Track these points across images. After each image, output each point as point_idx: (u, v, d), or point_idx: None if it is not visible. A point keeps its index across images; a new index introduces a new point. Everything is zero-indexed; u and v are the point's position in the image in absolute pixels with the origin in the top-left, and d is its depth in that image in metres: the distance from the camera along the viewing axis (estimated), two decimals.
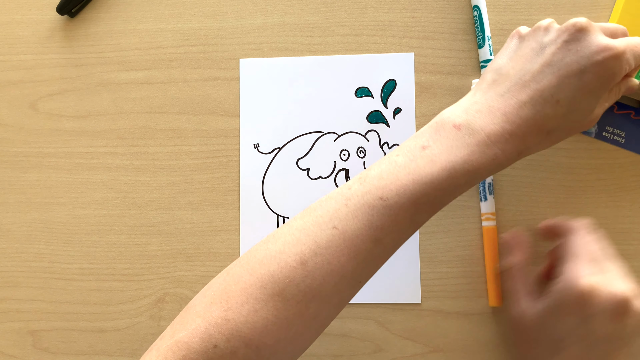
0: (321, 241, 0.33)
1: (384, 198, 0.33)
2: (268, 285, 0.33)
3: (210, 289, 0.35)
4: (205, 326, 0.33)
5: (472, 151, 0.33)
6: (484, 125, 0.34)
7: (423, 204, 0.33)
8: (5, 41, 0.50)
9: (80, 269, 0.48)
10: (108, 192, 0.48)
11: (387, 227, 0.33)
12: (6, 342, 0.48)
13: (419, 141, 0.35)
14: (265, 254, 0.34)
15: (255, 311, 0.33)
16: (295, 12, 0.48)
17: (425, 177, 0.33)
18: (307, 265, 0.33)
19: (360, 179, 0.34)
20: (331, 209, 0.34)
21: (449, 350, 0.45)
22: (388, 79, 0.47)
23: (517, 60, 0.36)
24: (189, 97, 0.48)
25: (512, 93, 0.34)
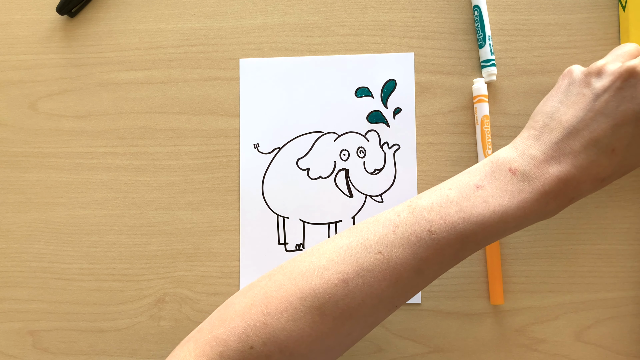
0: (365, 264, 0.34)
1: (432, 231, 0.33)
2: (308, 298, 0.34)
3: (252, 291, 0.36)
4: (244, 327, 0.34)
5: (525, 199, 0.34)
6: (539, 174, 0.34)
7: (470, 242, 0.34)
8: (5, 41, 0.50)
9: (80, 269, 0.48)
10: (108, 192, 0.48)
11: (431, 259, 0.34)
12: (6, 342, 0.48)
13: (473, 178, 0.35)
14: (308, 267, 0.35)
15: (293, 320, 0.34)
16: (295, 12, 0.48)
17: (476, 217, 0.33)
18: (349, 285, 0.34)
19: (409, 207, 0.35)
20: (378, 234, 0.34)
21: (449, 350, 0.45)
22: (388, 79, 0.47)
23: (570, 106, 0.35)
24: (189, 97, 0.48)
25: (566, 142, 0.34)
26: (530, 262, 0.45)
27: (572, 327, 0.44)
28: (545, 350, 0.44)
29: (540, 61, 0.46)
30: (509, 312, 0.45)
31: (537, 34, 0.46)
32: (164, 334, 0.47)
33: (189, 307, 0.47)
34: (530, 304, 0.45)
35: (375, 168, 0.46)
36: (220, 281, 0.47)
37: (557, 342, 0.44)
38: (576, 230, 0.45)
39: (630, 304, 0.44)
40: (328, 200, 0.46)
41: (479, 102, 0.45)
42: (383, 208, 0.46)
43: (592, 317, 0.44)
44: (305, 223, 0.47)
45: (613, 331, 0.44)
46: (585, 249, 0.45)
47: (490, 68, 0.45)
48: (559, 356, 0.44)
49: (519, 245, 0.45)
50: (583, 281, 0.44)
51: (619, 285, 0.44)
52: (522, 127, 0.46)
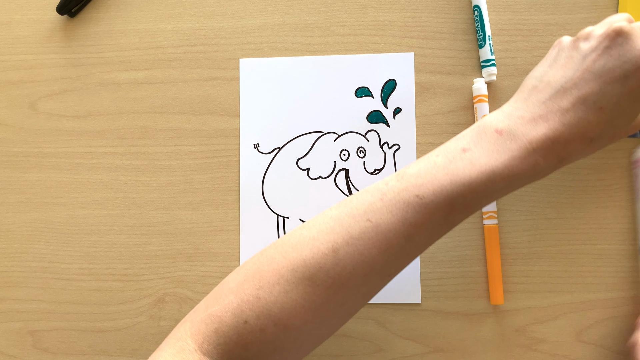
0: (354, 232, 0.34)
1: (420, 196, 0.33)
2: (299, 269, 0.34)
3: (244, 268, 0.36)
4: (237, 302, 0.35)
5: (512, 157, 0.33)
6: (526, 131, 0.34)
7: (458, 204, 0.34)
8: (5, 41, 0.50)
9: (80, 269, 0.48)
10: (108, 192, 0.48)
11: (421, 224, 0.34)
12: (6, 342, 0.48)
13: (459, 143, 0.35)
14: (299, 239, 0.35)
15: (285, 292, 0.34)
16: (295, 12, 0.48)
17: (463, 179, 0.33)
18: (339, 253, 0.34)
19: (397, 176, 0.35)
20: (366, 202, 0.35)
21: (449, 350, 0.45)
22: (388, 79, 0.47)
23: (558, 68, 0.36)
24: (189, 97, 0.48)
25: (554, 100, 0.34)
26: (530, 262, 0.45)
27: (572, 327, 0.44)
28: (545, 350, 0.44)
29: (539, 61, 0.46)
30: (509, 312, 0.45)
31: (537, 34, 0.46)
32: (164, 334, 0.47)
33: (189, 307, 0.47)
34: (530, 304, 0.45)
35: (375, 168, 0.46)
36: (220, 281, 0.47)
37: (557, 342, 0.44)
38: (576, 230, 0.45)
39: (630, 304, 0.44)
40: (328, 200, 0.46)
41: (479, 102, 0.45)
42: None
43: (592, 317, 0.44)
44: None
45: (613, 331, 0.44)
46: (585, 249, 0.45)
47: (490, 68, 0.45)
48: (559, 356, 0.44)
49: (519, 245, 0.45)
50: (583, 281, 0.44)
51: (619, 285, 0.44)
52: None
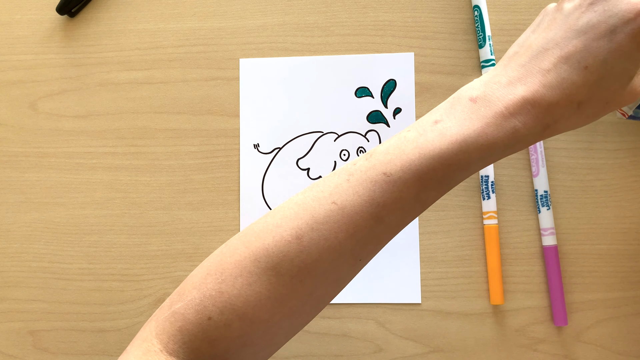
0: (319, 216, 0.32)
1: (387, 173, 0.31)
2: (262, 259, 0.32)
3: (208, 261, 0.34)
4: (200, 298, 0.33)
5: (487, 123, 0.30)
6: (502, 95, 0.30)
7: (429, 179, 0.31)
8: (5, 41, 0.50)
9: (80, 269, 0.48)
10: (108, 192, 0.48)
11: (390, 204, 0.31)
12: (6, 342, 0.48)
13: (432, 116, 0.32)
14: (262, 227, 0.33)
15: (248, 285, 0.32)
16: (295, 12, 0.48)
17: (432, 151, 0.30)
18: (303, 240, 0.32)
19: (366, 155, 0.33)
20: (332, 184, 0.32)
21: (449, 350, 0.45)
22: (388, 79, 0.47)
23: (541, 32, 0.32)
24: (189, 97, 0.48)
25: (534, 62, 0.31)
26: (530, 262, 0.45)
27: (572, 327, 0.44)
28: (545, 350, 0.44)
29: None
30: (509, 312, 0.45)
31: None
32: None
33: None
34: (530, 304, 0.45)
35: None
36: None
37: (557, 342, 0.44)
38: (576, 230, 0.45)
39: (630, 304, 0.44)
40: None
41: None
42: None
43: (592, 317, 0.44)
44: None
45: (613, 331, 0.44)
46: (585, 249, 0.45)
47: (490, 68, 0.45)
48: (559, 356, 0.44)
49: (519, 245, 0.45)
50: (583, 281, 0.44)
51: (619, 285, 0.44)
52: None
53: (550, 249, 0.44)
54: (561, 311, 0.43)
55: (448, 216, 0.46)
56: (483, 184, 0.45)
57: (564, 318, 0.43)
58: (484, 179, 0.45)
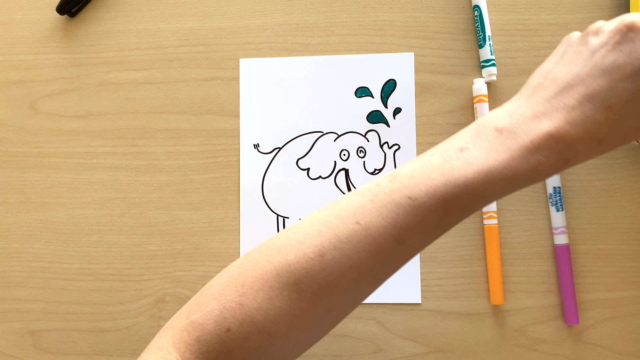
0: (342, 235, 0.32)
1: (412, 197, 0.31)
2: (284, 274, 0.32)
3: (227, 272, 0.35)
4: (219, 309, 0.33)
5: (512, 156, 0.31)
6: (528, 129, 0.31)
7: (454, 207, 0.31)
8: (5, 41, 0.50)
9: (80, 269, 0.48)
10: (108, 192, 0.48)
11: (413, 227, 0.32)
12: (6, 342, 0.48)
13: (457, 142, 0.32)
14: (284, 242, 0.34)
15: (269, 299, 0.33)
16: (295, 12, 0.48)
17: (459, 179, 0.31)
18: (325, 258, 0.32)
19: (390, 176, 0.33)
20: (356, 204, 0.33)
21: (449, 350, 0.45)
22: (388, 79, 0.47)
23: (565, 64, 0.33)
24: (189, 97, 0.48)
25: (559, 98, 0.32)
26: (531, 262, 0.45)
27: (572, 327, 0.44)
28: (545, 350, 0.44)
29: (540, 61, 0.46)
30: (509, 312, 0.45)
31: (537, 34, 0.46)
32: None
33: None
34: (530, 304, 0.45)
35: (375, 168, 0.46)
36: None
37: (557, 342, 0.44)
38: (576, 230, 0.45)
39: (630, 304, 0.44)
40: (328, 200, 0.46)
41: (479, 102, 0.45)
42: None
43: (592, 317, 0.44)
44: None
45: (613, 331, 0.44)
46: (585, 249, 0.45)
47: (490, 68, 0.45)
48: (559, 356, 0.44)
49: (519, 245, 0.45)
50: (583, 281, 0.44)
51: (619, 285, 0.44)
52: None
53: (562, 247, 0.44)
54: (573, 310, 0.43)
55: None
56: None
57: (576, 317, 0.43)
58: None
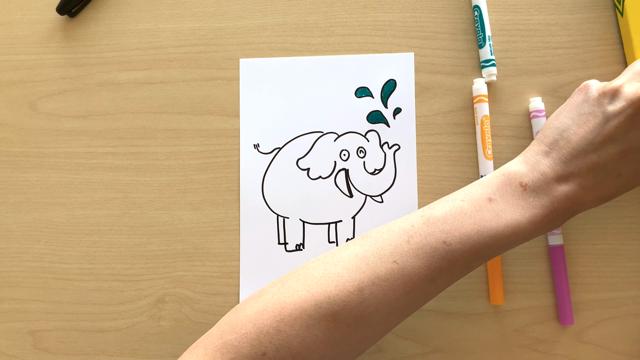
0: (380, 273, 0.34)
1: (447, 243, 0.34)
2: (323, 305, 0.34)
3: (263, 297, 0.36)
4: (256, 333, 0.34)
5: (535, 214, 0.35)
6: (549, 191, 0.35)
7: (482, 253, 0.35)
8: (5, 41, 0.50)
9: (80, 269, 0.48)
10: (108, 192, 0.48)
11: (445, 269, 0.35)
12: (6, 342, 0.48)
13: (485, 191, 0.36)
14: (323, 274, 0.35)
15: (307, 327, 0.34)
16: (295, 12, 0.48)
17: (489, 230, 0.34)
18: (364, 292, 0.34)
19: (423, 217, 0.36)
20: (393, 243, 0.35)
21: (449, 350, 0.45)
22: (388, 79, 0.47)
23: (580, 126, 0.36)
24: (189, 97, 0.48)
25: (575, 162, 0.35)
26: (530, 262, 0.45)
27: (572, 327, 0.44)
28: (545, 350, 0.44)
29: (540, 61, 0.46)
30: (509, 312, 0.45)
31: (537, 34, 0.46)
32: (164, 334, 0.47)
33: (189, 307, 0.47)
34: (530, 304, 0.45)
35: (375, 168, 0.47)
36: (220, 281, 0.47)
37: (557, 342, 0.44)
38: (576, 230, 0.45)
39: (630, 304, 0.44)
40: (328, 200, 0.46)
41: (479, 102, 0.45)
42: (383, 208, 0.46)
43: (592, 317, 0.44)
44: (305, 223, 0.47)
45: (613, 331, 0.44)
46: (585, 249, 0.45)
47: (490, 68, 0.45)
48: (559, 356, 0.44)
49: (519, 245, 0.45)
50: (583, 281, 0.44)
51: (619, 285, 0.44)
52: (522, 127, 0.46)
53: (557, 248, 0.44)
54: (568, 311, 0.43)
55: None
56: None
57: (570, 317, 0.43)
58: None
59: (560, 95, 0.46)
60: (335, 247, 0.38)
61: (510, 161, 0.37)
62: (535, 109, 0.45)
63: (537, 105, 0.45)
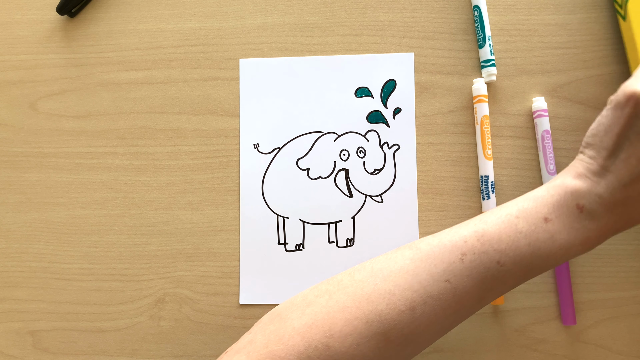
0: (433, 292, 0.33)
1: (501, 263, 0.33)
2: (374, 323, 0.33)
3: (310, 308, 0.35)
4: (304, 346, 0.33)
5: (589, 237, 0.34)
6: (604, 216, 0.33)
7: (533, 273, 0.34)
8: (5, 41, 0.50)
9: (80, 269, 0.48)
10: (108, 192, 0.48)
11: (495, 289, 0.34)
12: (6, 342, 0.48)
13: (540, 210, 0.34)
14: (373, 289, 0.34)
15: (357, 345, 0.33)
16: (295, 12, 0.48)
17: (543, 253, 0.33)
18: (416, 312, 0.33)
19: (476, 233, 0.34)
20: (445, 261, 0.34)
21: (449, 350, 0.45)
22: (388, 79, 0.47)
23: (637, 147, 0.33)
24: (189, 97, 0.48)
25: (629, 188, 0.33)
26: None
27: (572, 327, 0.44)
28: (545, 350, 0.44)
29: (540, 61, 0.46)
30: (509, 312, 0.45)
31: (537, 34, 0.46)
32: (164, 334, 0.47)
33: (189, 307, 0.47)
34: (530, 304, 0.45)
35: (375, 168, 0.46)
36: (220, 281, 0.47)
37: (557, 342, 0.44)
38: None
39: (630, 304, 0.44)
40: (328, 200, 0.46)
41: (479, 102, 0.45)
42: (383, 208, 0.46)
43: (592, 317, 0.44)
44: (305, 223, 0.47)
45: (613, 331, 0.44)
46: None
47: (490, 68, 0.45)
48: (559, 356, 0.44)
49: None
50: (583, 281, 0.44)
51: (619, 285, 0.44)
52: (522, 127, 0.46)
53: None
54: (570, 310, 0.43)
55: (448, 216, 0.46)
56: (483, 184, 0.45)
57: (573, 317, 0.43)
58: (484, 179, 0.45)
59: (560, 95, 0.46)
60: (381, 256, 0.37)
61: (564, 176, 0.35)
62: (539, 108, 0.45)
63: (541, 105, 0.45)
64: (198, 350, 0.46)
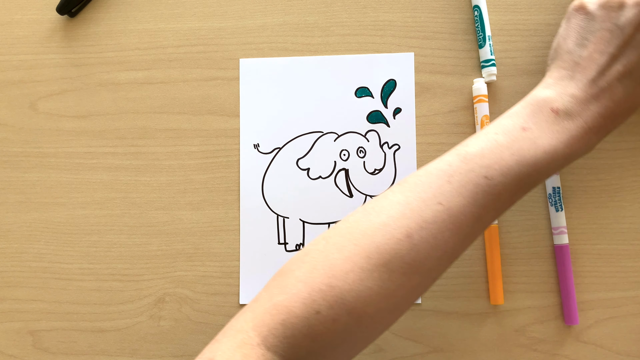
0: (427, 216, 0.34)
1: (488, 177, 0.34)
2: (373, 256, 0.33)
3: (309, 256, 0.35)
4: (308, 291, 0.33)
5: (572, 136, 0.34)
6: (582, 112, 0.35)
7: (524, 183, 0.34)
8: (5, 41, 0.50)
9: (80, 269, 0.48)
10: (108, 192, 0.48)
11: (489, 205, 0.34)
12: (6, 342, 0.48)
13: (517, 121, 0.35)
14: (368, 225, 0.34)
15: (360, 280, 0.33)
16: (295, 12, 0.48)
17: (529, 159, 0.34)
18: (413, 238, 0.33)
19: (459, 155, 0.35)
20: (434, 185, 0.34)
21: (449, 350, 0.45)
22: (388, 79, 0.47)
23: (597, 43, 0.36)
24: (189, 97, 0.48)
25: (602, 79, 0.35)
26: (530, 262, 0.45)
27: (572, 327, 0.44)
28: (545, 350, 0.44)
29: (540, 61, 0.46)
30: (509, 312, 0.45)
31: (537, 34, 0.46)
32: (164, 334, 0.47)
33: (189, 307, 0.47)
34: (530, 304, 0.45)
35: (375, 168, 0.47)
36: (220, 281, 0.47)
37: (557, 342, 0.44)
38: (576, 231, 0.45)
39: (630, 304, 0.44)
40: (328, 200, 0.46)
41: (479, 102, 0.45)
42: None
43: (592, 317, 0.44)
44: (305, 223, 0.47)
45: (613, 331, 0.44)
46: (585, 249, 0.45)
47: (490, 68, 0.45)
48: (559, 356, 0.44)
49: (519, 246, 0.45)
50: (583, 281, 0.44)
51: (619, 285, 0.44)
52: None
53: (562, 247, 0.44)
54: (573, 310, 0.43)
55: None
56: None
57: (576, 317, 0.43)
58: None
59: None
60: (372, 198, 0.37)
61: (535, 90, 0.37)
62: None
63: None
64: (198, 350, 0.46)
